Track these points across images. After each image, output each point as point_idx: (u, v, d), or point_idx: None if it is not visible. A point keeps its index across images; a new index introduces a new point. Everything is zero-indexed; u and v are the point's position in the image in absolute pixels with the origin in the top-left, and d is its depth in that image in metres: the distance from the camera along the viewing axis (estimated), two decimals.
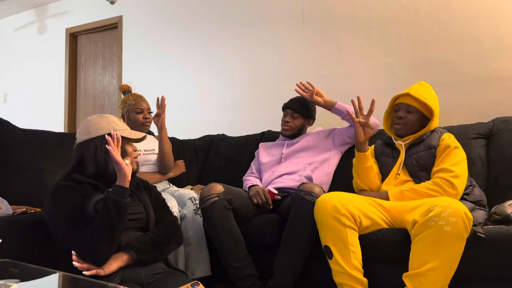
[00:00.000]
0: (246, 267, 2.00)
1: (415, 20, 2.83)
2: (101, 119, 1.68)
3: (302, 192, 1.95)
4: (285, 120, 2.55)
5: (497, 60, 2.59)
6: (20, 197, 2.10)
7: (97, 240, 1.46)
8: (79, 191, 1.58)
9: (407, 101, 2.06)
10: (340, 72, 3.09)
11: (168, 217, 1.79)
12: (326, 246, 1.79)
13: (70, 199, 1.54)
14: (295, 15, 3.29)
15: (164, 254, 1.71)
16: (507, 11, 2.57)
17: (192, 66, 3.85)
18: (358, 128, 2.04)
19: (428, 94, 2.05)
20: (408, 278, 1.62)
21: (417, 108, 2.04)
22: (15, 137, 2.32)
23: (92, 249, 1.47)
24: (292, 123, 2.54)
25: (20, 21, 5.23)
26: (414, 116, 2.05)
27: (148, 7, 4.16)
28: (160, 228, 1.71)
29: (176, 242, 1.76)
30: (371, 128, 2.05)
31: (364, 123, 2.04)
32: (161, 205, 1.82)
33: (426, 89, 2.08)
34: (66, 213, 1.52)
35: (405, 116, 2.06)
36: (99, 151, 1.62)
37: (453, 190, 1.83)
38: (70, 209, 1.52)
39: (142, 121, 2.56)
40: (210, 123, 3.67)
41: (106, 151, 1.59)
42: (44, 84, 4.98)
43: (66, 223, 1.51)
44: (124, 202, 1.50)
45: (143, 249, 1.58)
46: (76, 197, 1.56)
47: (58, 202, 1.55)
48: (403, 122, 2.06)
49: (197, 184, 2.90)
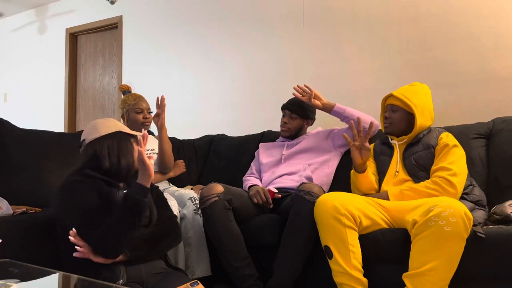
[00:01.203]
0: (246, 267, 2.00)
1: (415, 20, 2.83)
2: (107, 120, 1.75)
3: (302, 192, 1.95)
4: (284, 121, 2.55)
5: (497, 60, 2.59)
6: (20, 197, 2.10)
7: (114, 235, 1.49)
8: (93, 185, 1.60)
9: (391, 101, 2.12)
10: (340, 72, 3.09)
11: (167, 214, 1.80)
12: (326, 246, 1.79)
13: (86, 193, 1.56)
14: (295, 15, 3.29)
15: (161, 251, 1.71)
16: (507, 11, 2.57)
17: (192, 66, 3.84)
18: (354, 152, 2.04)
19: (412, 94, 2.06)
20: (408, 278, 1.62)
21: (400, 106, 2.07)
22: (15, 137, 2.32)
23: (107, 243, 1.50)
24: (290, 124, 2.54)
25: (20, 21, 5.23)
26: (398, 115, 2.09)
27: (148, 7, 4.16)
28: (157, 224, 1.71)
29: (173, 238, 1.76)
30: (368, 149, 2.04)
31: (360, 145, 2.03)
32: (161, 202, 1.83)
33: (413, 89, 2.10)
34: (83, 206, 1.54)
35: (390, 116, 2.11)
36: (111, 147, 1.67)
37: (452, 189, 1.84)
38: (86, 202, 1.54)
39: (142, 121, 2.56)
40: (210, 123, 3.66)
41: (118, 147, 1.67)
42: (44, 84, 4.98)
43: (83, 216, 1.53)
44: (144, 201, 1.52)
45: (137, 246, 1.58)
46: (91, 191, 1.58)
47: (74, 195, 1.57)
48: (389, 121, 2.11)
49: (197, 184, 2.90)
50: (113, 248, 1.51)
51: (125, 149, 1.69)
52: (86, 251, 1.49)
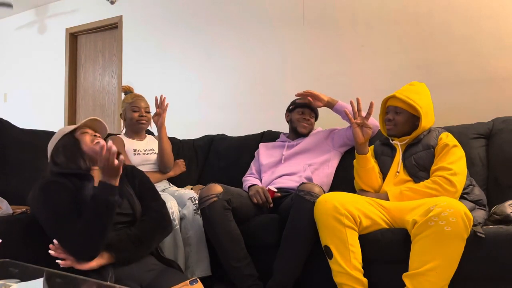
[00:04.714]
0: (245, 267, 2.00)
1: (415, 20, 2.83)
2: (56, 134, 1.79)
3: (302, 192, 1.95)
4: (306, 118, 2.55)
5: (497, 60, 2.59)
6: (20, 197, 2.09)
7: (87, 237, 1.48)
8: (67, 185, 1.59)
9: (394, 102, 2.09)
10: (340, 72, 3.09)
11: (155, 205, 1.73)
12: (326, 246, 1.79)
13: (59, 195, 1.55)
14: (295, 15, 3.29)
15: (149, 248, 1.68)
16: (507, 11, 2.57)
17: (192, 66, 3.85)
18: (355, 129, 2.05)
19: (416, 95, 2.05)
20: (408, 278, 1.62)
21: (404, 108, 2.05)
22: (15, 137, 2.32)
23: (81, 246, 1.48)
24: (311, 122, 2.57)
25: (20, 21, 5.23)
26: (403, 117, 2.07)
27: (148, 7, 4.16)
28: (142, 221, 1.67)
29: (161, 233, 1.73)
30: (369, 128, 2.05)
31: (361, 123, 2.04)
32: (147, 192, 1.76)
33: (415, 89, 2.09)
34: (56, 209, 1.53)
35: (393, 118, 2.08)
36: (62, 145, 1.70)
37: (452, 188, 1.83)
38: (59, 204, 1.53)
39: (137, 119, 2.57)
40: (210, 123, 3.67)
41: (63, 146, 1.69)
42: (44, 84, 4.98)
43: (56, 219, 1.52)
44: (112, 200, 1.50)
45: (123, 247, 1.57)
46: (64, 192, 1.57)
47: (47, 198, 1.56)
48: (393, 123, 2.09)
49: (197, 184, 2.90)
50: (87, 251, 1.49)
51: (69, 145, 1.69)
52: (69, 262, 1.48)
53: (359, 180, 2.11)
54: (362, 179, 2.09)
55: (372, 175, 2.07)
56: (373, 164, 2.08)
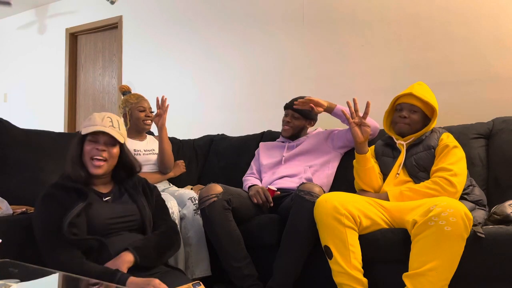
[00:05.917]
0: (245, 267, 2.00)
1: (415, 20, 2.83)
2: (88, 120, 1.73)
3: (302, 192, 1.95)
4: (286, 120, 2.55)
5: (497, 60, 2.59)
6: (20, 197, 2.10)
7: (66, 269, 1.43)
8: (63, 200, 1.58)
9: (410, 101, 2.06)
10: (340, 72, 3.09)
11: (169, 223, 1.80)
12: (326, 246, 1.79)
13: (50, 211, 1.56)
14: (295, 15, 3.29)
15: (164, 259, 1.72)
16: (507, 11, 2.57)
17: (192, 66, 3.84)
18: (354, 128, 2.05)
19: (429, 94, 2.06)
20: (408, 278, 1.61)
21: (420, 107, 2.05)
22: (15, 137, 2.32)
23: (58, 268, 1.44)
24: (292, 123, 2.53)
25: (20, 21, 5.23)
26: (418, 116, 2.06)
27: (148, 7, 4.16)
28: (163, 232, 1.71)
29: (176, 248, 1.77)
30: (368, 126, 2.05)
31: (359, 122, 2.04)
32: (162, 208, 1.82)
33: (426, 89, 2.09)
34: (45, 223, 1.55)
35: (409, 116, 2.06)
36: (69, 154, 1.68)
37: (452, 188, 1.83)
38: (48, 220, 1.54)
39: (144, 118, 2.60)
40: (210, 123, 3.67)
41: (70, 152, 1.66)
42: (44, 84, 4.98)
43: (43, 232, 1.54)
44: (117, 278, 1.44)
45: (147, 254, 1.58)
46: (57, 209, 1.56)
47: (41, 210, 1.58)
48: (407, 121, 2.06)
49: (197, 184, 2.90)
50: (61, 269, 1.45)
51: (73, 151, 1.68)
52: None
53: (359, 180, 2.11)
54: (362, 179, 2.09)
55: (372, 175, 2.07)
56: (373, 164, 2.08)
